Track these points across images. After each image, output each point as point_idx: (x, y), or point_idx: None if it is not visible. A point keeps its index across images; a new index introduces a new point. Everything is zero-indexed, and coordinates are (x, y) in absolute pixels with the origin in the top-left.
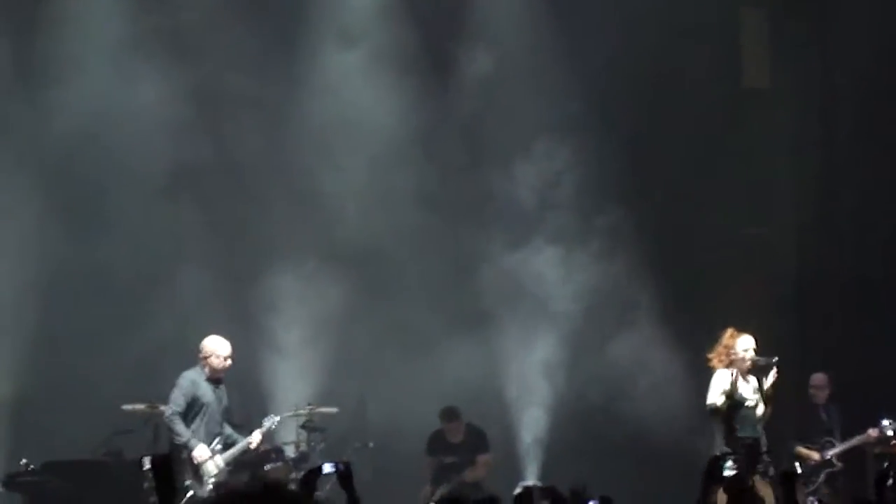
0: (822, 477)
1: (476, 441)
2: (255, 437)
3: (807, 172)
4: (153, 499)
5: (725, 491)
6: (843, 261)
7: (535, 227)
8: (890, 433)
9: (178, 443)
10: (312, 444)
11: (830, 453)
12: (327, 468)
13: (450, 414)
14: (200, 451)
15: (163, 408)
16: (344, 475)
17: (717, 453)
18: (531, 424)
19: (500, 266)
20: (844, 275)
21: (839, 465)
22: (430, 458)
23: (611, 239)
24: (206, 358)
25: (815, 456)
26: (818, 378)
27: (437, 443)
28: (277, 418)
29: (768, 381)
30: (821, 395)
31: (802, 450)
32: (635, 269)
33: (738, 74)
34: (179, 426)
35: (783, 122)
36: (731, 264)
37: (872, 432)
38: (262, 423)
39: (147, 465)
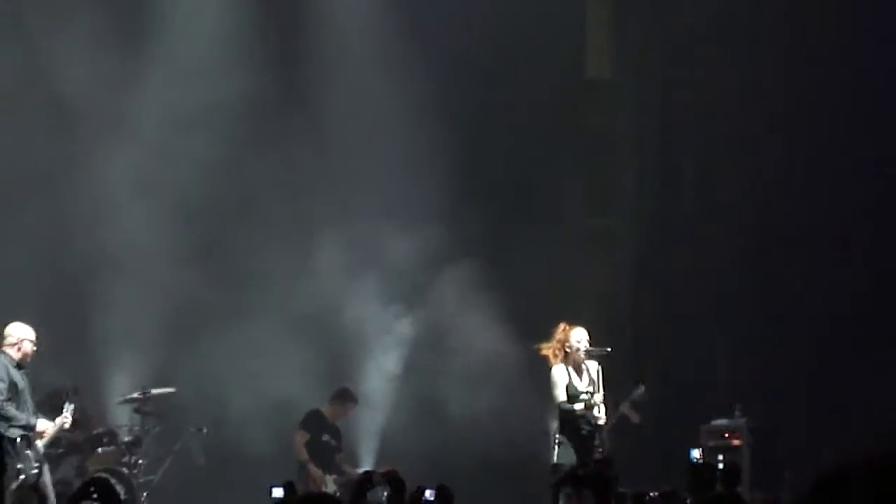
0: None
1: (340, 434)
2: (67, 417)
3: (648, 163)
4: None
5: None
6: (680, 254)
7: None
8: (640, 399)
9: (17, 425)
10: (147, 428)
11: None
12: None
13: (352, 397)
14: (44, 423)
15: None
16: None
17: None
18: (366, 411)
19: (337, 249)
20: (682, 268)
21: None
22: (304, 432)
23: (453, 229)
24: (16, 343)
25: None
26: None
27: (316, 420)
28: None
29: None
30: None
31: None
32: (476, 260)
33: (582, 65)
34: (12, 411)
35: (625, 112)
36: (574, 255)
37: (624, 406)
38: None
39: None
